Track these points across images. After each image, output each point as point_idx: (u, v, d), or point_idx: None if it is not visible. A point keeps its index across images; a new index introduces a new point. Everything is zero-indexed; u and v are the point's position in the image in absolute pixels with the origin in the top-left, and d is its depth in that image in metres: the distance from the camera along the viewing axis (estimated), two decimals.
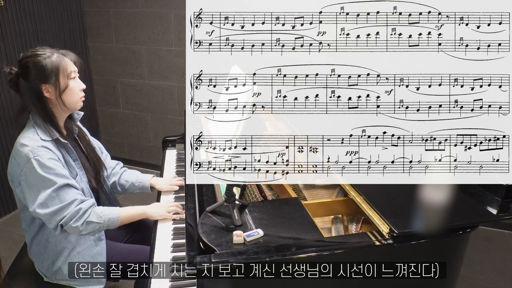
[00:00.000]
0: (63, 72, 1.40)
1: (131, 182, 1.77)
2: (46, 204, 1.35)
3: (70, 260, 1.46)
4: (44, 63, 1.36)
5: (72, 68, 1.43)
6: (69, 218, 1.36)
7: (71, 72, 1.42)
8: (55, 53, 1.41)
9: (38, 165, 1.32)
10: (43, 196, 1.34)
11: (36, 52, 1.39)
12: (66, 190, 1.36)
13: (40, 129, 1.40)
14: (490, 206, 1.14)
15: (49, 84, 1.38)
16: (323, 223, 1.30)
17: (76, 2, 3.33)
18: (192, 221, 1.30)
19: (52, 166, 1.34)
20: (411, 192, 1.17)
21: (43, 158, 1.33)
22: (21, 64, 1.38)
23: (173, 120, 3.53)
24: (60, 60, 1.40)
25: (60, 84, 1.39)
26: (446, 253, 1.08)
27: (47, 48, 1.42)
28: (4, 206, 2.92)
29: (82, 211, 1.38)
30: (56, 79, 1.38)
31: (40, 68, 1.36)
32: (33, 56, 1.38)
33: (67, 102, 1.44)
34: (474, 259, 2.49)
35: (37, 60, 1.37)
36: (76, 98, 1.46)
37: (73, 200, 1.37)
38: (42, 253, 1.48)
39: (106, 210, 1.45)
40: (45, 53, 1.39)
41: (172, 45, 3.25)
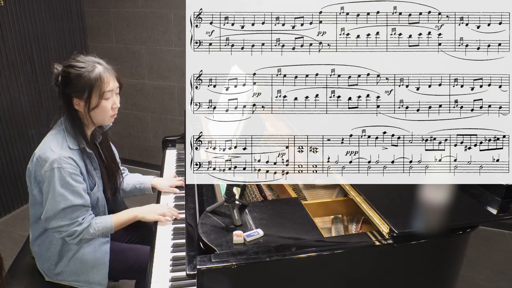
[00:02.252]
0: (97, 91, 1.38)
1: (133, 185, 1.78)
2: (51, 219, 1.38)
3: (73, 262, 1.46)
4: (82, 77, 1.36)
5: (109, 87, 1.41)
6: (67, 235, 1.41)
7: (105, 93, 1.40)
8: (96, 68, 1.38)
9: (59, 178, 1.33)
10: (50, 211, 1.37)
11: (80, 62, 1.38)
12: (73, 210, 1.39)
13: (70, 136, 1.40)
14: (490, 206, 1.14)
15: (80, 99, 1.39)
16: (323, 223, 1.30)
17: (76, 2, 3.33)
18: (192, 221, 1.30)
19: (71, 182, 1.36)
20: (411, 192, 1.17)
21: (66, 171, 1.34)
22: (64, 68, 1.38)
23: (173, 120, 3.53)
24: (98, 78, 1.37)
25: (91, 102, 1.39)
26: (446, 253, 1.08)
27: (90, 60, 1.40)
28: (4, 206, 2.92)
29: (78, 233, 1.41)
30: (88, 97, 1.38)
31: (75, 81, 1.36)
32: (74, 67, 1.37)
33: (95, 119, 1.44)
34: (474, 259, 2.49)
35: (76, 72, 1.36)
36: (106, 116, 1.45)
37: (74, 222, 1.39)
38: (43, 254, 1.48)
39: (100, 224, 1.46)
40: (86, 66, 1.37)
41: (172, 45, 3.25)
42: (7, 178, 2.85)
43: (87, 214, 1.44)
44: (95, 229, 1.44)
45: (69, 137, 1.40)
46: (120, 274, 1.59)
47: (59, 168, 1.33)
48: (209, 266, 0.93)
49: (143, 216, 1.54)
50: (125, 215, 1.54)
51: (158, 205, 1.59)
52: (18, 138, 2.88)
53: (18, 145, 2.88)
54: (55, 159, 1.33)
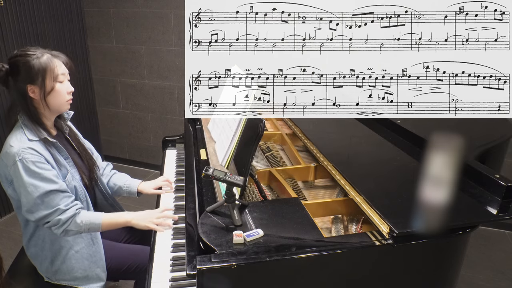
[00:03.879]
0: (50, 74, 1.38)
1: (119, 186, 1.77)
2: (31, 210, 1.36)
3: (69, 259, 1.46)
4: (32, 64, 1.35)
5: (61, 70, 1.41)
6: (51, 225, 1.38)
7: (59, 75, 1.40)
8: (45, 54, 1.39)
9: (23, 169, 1.32)
10: (28, 203, 1.35)
11: (27, 51, 1.37)
12: (51, 196, 1.36)
13: (27, 128, 1.39)
14: (490, 206, 1.14)
15: (34, 85, 1.37)
16: (323, 223, 1.30)
17: (76, 2, 3.33)
18: (192, 221, 1.30)
19: (37, 170, 1.34)
20: (411, 192, 1.17)
21: (28, 161, 1.33)
22: (11, 62, 1.37)
23: (173, 120, 3.53)
24: (49, 62, 1.38)
25: (46, 86, 1.38)
26: (446, 253, 1.08)
27: (39, 48, 1.40)
28: (4, 206, 2.92)
29: (62, 222, 1.38)
30: (42, 80, 1.37)
31: (27, 68, 1.35)
32: (23, 56, 1.36)
33: (52, 104, 1.42)
34: (474, 259, 2.49)
35: (26, 60, 1.35)
36: (62, 101, 1.43)
37: (56, 210, 1.37)
38: (39, 254, 1.47)
39: (87, 217, 1.43)
40: (35, 53, 1.37)
41: (172, 45, 3.25)
42: None
43: (69, 201, 1.40)
44: (82, 221, 1.40)
45: (26, 130, 1.38)
46: (119, 274, 1.58)
47: (21, 160, 1.32)
48: (209, 266, 0.93)
49: (136, 223, 1.49)
50: (117, 217, 1.49)
51: (154, 213, 1.53)
52: None
53: None
54: (15, 152, 1.32)
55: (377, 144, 1.60)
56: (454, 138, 1.19)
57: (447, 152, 1.17)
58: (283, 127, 1.93)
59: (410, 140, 1.56)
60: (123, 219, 1.49)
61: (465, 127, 1.59)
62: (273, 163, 1.64)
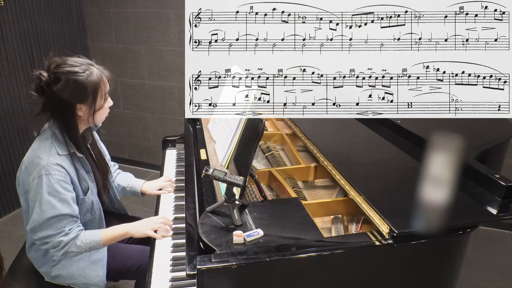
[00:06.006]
0: (101, 94, 1.38)
1: (123, 186, 1.77)
2: (37, 229, 1.33)
3: (70, 265, 1.45)
4: (85, 84, 1.32)
5: (108, 87, 1.41)
6: (51, 247, 1.35)
7: (107, 93, 1.40)
8: (94, 71, 1.36)
9: (47, 185, 1.29)
10: (37, 220, 1.31)
11: (75, 68, 1.32)
12: (60, 219, 1.33)
13: (58, 141, 1.37)
14: (490, 206, 1.14)
15: (84, 104, 1.36)
16: (323, 223, 1.30)
17: (76, 2, 3.33)
18: (192, 221, 1.30)
19: (60, 189, 1.31)
20: (411, 192, 1.17)
21: (54, 178, 1.30)
22: (56, 76, 1.31)
23: (173, 120, 3.52)
24: (100, 81, 1.36)
25: (96, 105, 1.37)
26: (446, 253, 1.08)
27: (82, 61, 1.37)
28: (4, 206, 2.92)
29: (63, 244, 1.35)
30: (93, 100, 1.36)
31: (80, 88, 1.32)
32: (72, 73, 1.31)
33: (96, 120, 1.43)
34: (474, 259, 2.49)
35: (78, 78, 1.31)
36: (104, 116, 1.45)
37: (60, 232, 1.34)
38: (40, 259, 1.47)
39: (88, 237, 1.40)
40: (84, 71, 1.33)
41: (172, 45, 3.25)
42: (7, 178, 2.85)
43: (75, 225, 1.38)
44: (83, 241, 1.38)
45: (57, 143, 1.36)
46: (119, 274, 1.58)
47: (48, 175, 1.29)
48: (209, 266, 0.93)
49: (134, 232, 1.47)
50: (116, 230, 1.47)
51: (152, 220, 1.51)
52: (18, 138, 2.88)
53: (18, 145, 2.88)
54: (43, 166, 1.30)
55: (377, 144, 1.60)
56: (454, 138, 1.19)
57: (447, 152, 1.17)
58: (283, 127, 1.93)
59: (410, 140, 1.56)
60: (122, 231, 1.47)
61: (465, 127, 1.59)
62: (273, 163, 1.64)
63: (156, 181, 1.80)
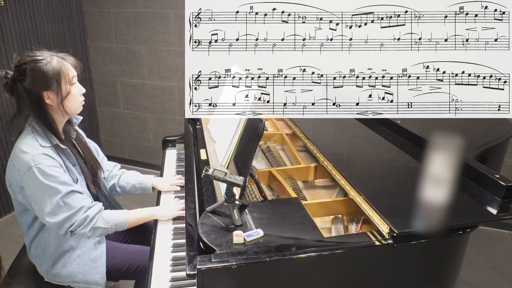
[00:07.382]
0: (65, 78, 1.37)
1: (132, 184, 1.77)
2: (54, 213, 1.34)
3: (70, 264, 1.45)
4: (45, 69, 1.33)
5: (73, 72, 1.40)
6: (77, 225, 1.36)
7: (73, 77, 1.40)
8: (54, 58, 1.37)
9: (40, 174, 1.30)
10: (50, 205, 1.33)
11: (35, 57, 1.34)
12: (72, 197, 1.35)
13: (39, 135, 1.37)
14: (490, 206, 1.14)
15: (50, 91, 1.35)
16: (323, 223, 1.30)
17: (76, 2, 3.33)
18: (192, 221, 1.30)
19: (55, 174, 1.33)
20: (411, 192, 1.17)
21: (44, 166, 1.31)
22: (19, 70, 1.34)
23: (173, 120, 3.53)
24: (61, 65, 1.36)
25: (62, 90, 1.37)
26: (446, 253, 1.08)
27: (45, 52, 1.38)
28: (4, 206, 2.92)
29: (90, 218, 1.37)
30: (58, 85, 1.35)
31: (41, 74, 1.32)
32: (32, 62, 1.33)
33: (69, 108, 1.42)
34: (474, 259, 2.49)
35: (38, 65, 1.32)
36: (77, 103, 1.44)
37: (81, 208, 1.36)
38: (41, 256, 1.47)
39: (114, 215, 1.44)
40: (44, 58, 1.34)
41: (172, 45, 3.25)
42: None
43: (90, 200, 1.40)
44: (110, 218, 1.40)
45: (38, 136, 1.37)
46: (119, 274, 1.58)
47: (37, 165, 1.30)
48: (209, 266, 0.93)
49: (161, 215, 1.52)
50: (142, 212, 1.51)
51: (176, 204, 1.56)
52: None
53: None
54: (30, 158, 1.31)
55: (377, 144, 1.60)
56: (454, 138, 1.19)
57: (447, 152, 1.17)
58: (283, 127, 1.93)
59: (410, 140, 1.56)
60: (147, 213, 1.52)
61: (465, 127, 1.59)
62: (273, 163, 1.64)
63: (166, 178, 1.82)
